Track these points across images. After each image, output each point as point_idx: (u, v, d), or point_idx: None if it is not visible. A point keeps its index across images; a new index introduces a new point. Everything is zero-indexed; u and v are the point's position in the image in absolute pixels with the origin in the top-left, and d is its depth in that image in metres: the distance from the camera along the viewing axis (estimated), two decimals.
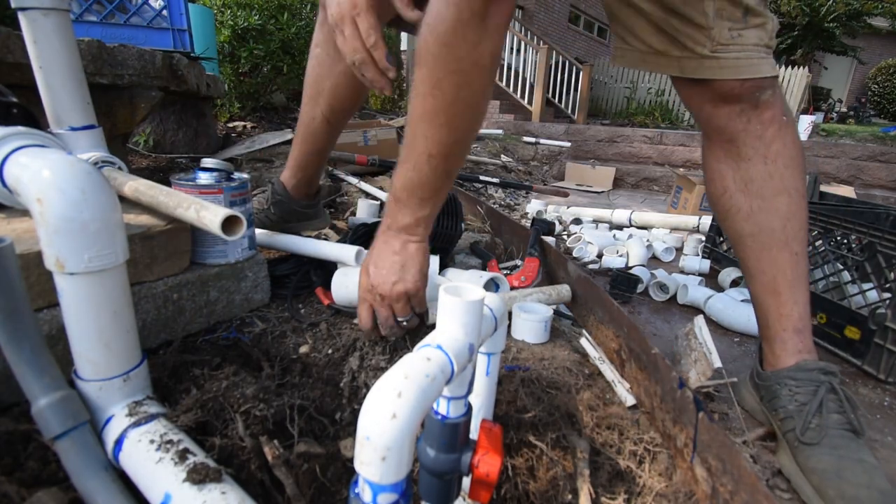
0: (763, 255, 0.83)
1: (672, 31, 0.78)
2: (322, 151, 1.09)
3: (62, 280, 0.52)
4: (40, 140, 0.67)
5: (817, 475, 0.69)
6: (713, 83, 0.79)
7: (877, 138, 6.21)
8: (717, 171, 0.87)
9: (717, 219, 0.90)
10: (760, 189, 0.82)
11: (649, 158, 4.88)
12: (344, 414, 0.71)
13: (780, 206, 0.81)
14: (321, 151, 1.09)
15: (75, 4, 1.59)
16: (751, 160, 0.82)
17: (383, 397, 0.36)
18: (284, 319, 0.91)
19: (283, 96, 3.64)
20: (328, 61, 0.98)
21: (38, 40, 0.81)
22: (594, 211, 2.45)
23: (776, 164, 0.81)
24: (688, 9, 0.75)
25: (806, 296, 0.82)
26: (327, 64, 0.98)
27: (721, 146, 0.85)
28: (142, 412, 0.56)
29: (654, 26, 0.80)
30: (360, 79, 0.79)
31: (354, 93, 1.02)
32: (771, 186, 0.81)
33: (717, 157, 0.86)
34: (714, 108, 0.82)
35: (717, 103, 0.81)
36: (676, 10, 0.76)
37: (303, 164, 1.11)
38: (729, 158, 0.84)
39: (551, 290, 1.08)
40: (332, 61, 0.97)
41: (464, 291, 0.46)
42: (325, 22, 0.98)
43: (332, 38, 0.97)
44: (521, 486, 0.63)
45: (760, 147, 0.81)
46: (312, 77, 1.02)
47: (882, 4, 10.26)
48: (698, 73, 0.79)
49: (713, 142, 0.86)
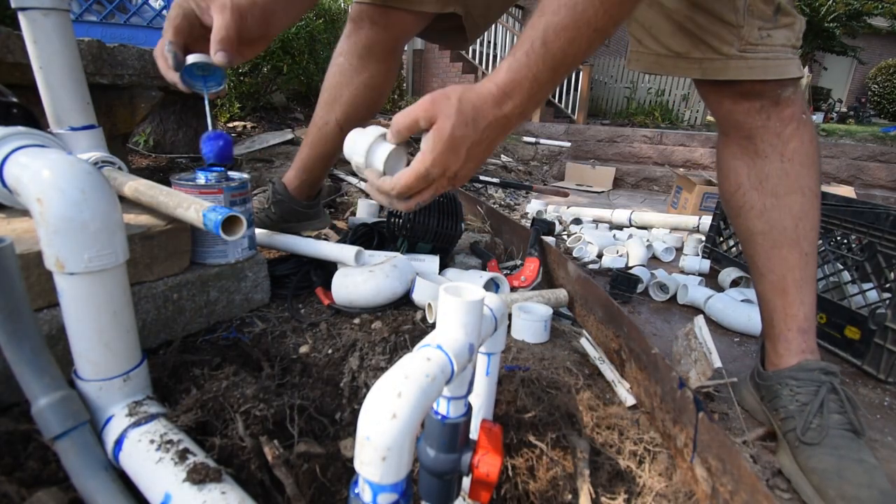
0: (773, 253, 0.82)
1: (696, 29, 0.76)
2: (330, 156, 1.10)
3: (62, 280, 0.52)
4: (40, 140, 0.67)
5: (818, 475, 0.69)
6: (737, 82, 0.78)
7: (877, 138, 6.21)
8: (732, 168, 0.86)
9: (729, 215, 0.90)
10: (775, 187, 0.81)
11: (649, 158, 4.87)
12: (344, 414, 0.71)
13: (794, 205, 0.81)
14: (329, 156, 1.10)
15: (75, 4, 1.59)
16: (767, 157, 0.81)
17: (383, 397, 0.36)
18: (284, 319, 0.91)
19: (283, 96, 3.64)
20: (350, 71, 0.99)
21: (38, 40, 0.81)
22: (594, 211, 2.45)
23: (792, 163, 0.80)
24: (717, 5, 0.73)
25: (813, 297, 0.82)
26: (349, 73, 0.99)
27: (738, 142, 0.84)
28: (142, 412, 0.56)
29: (676, 25, 0.78)
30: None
31: (372, 104, 1.03)
32: (786, 184, 0.81)
33: (732, 154, 0.86)
34: (734, 104, 0.81)
35: (737, 99, 0.80)
36: (703, 6, 0.74)
37: (309, 167, 1.11)
38: (745, 155, 0.83)
39: (549, 293, 1.08)
40: (354, 72, 0.99)
41: (464, 291, 0.46)
42: (352, 34, 0.98)
43: (357, 52, 0.99)
44: (521, 486, 0.63)
45: (778, 144, 0.80)
46: (332, 83, 1.02)
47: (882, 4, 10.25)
48: (723, 74, 0.77)
49: (730, 138, 0.86)
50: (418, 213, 1.13)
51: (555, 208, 2.58)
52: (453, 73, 7.09)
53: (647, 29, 0.82)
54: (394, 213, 1.16)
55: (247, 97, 3.24)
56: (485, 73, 7.01)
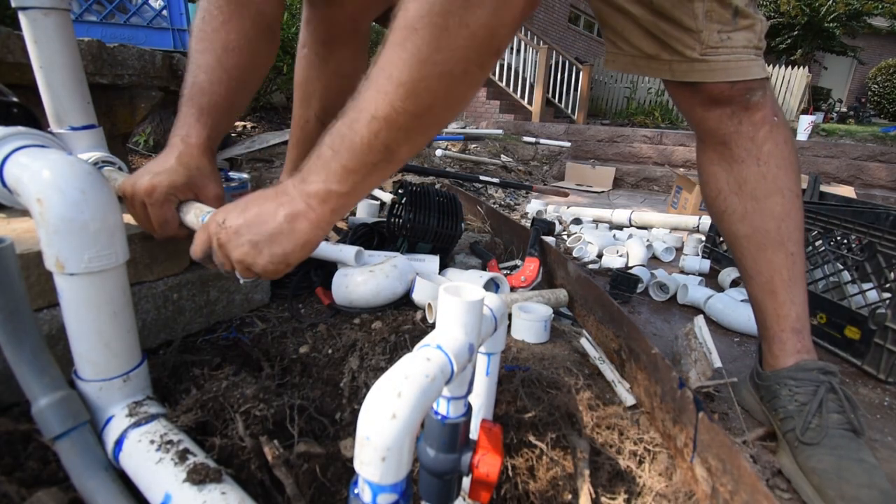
0: (759, 255, 0.83)
1: (661, 34, 0.78)
2: None
3: (62, 280, 0.52)
4: (40, 140, 0.67)
5: (817, 475, 0.69)
6: (704, 86, 0.79)
7: (877, 138, 6.21)
8: (711, 174, 0.87)
9: (713, 220, 0.91)
10: (754, 190, 0.82)
11: (649, 158, 4.87)
12: (344, 414, 0.71)
13: (775, 207, 0.81)
14: None
15: (75, 4, 1.59)
16: (743, 162, 0.82)
17: (383, 397, 0.36)
18: (284, 319, 0.91)
19: (283, 96, 3.64)
20: (317, 61, 0.97)
21: (39, 40, 0.81)
22: (594, 211, 2.45)
23: (769, 165, 0.81)
24: (676, 12, 0.75)
25: (803, 296, 0.82)
26: (316, 64, 0.98)
27: (714, 148, 0.85)
28: (142, 412, 0.56)
29: (644, 30, 0.80)
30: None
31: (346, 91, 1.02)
32: (764, 187, 0.82)
33: (710, 160, 0.87)
34: (705, 110, 0.82)
35: (707, 106, 0.81)
36: (665, 14, 0.76)
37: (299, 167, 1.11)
38: (722, 161, 0.84)
39: (549, 293, 1.08)
40: (321, 61, 0.97)
41: (464, 291, 0.46)
42: (311, 20, 0.96)
43: (319, 38, 0.96)
44: (521, 486, 0.63)
45: (752, 148, 0.81)
46: (302, 78, 1.01)
47: (882, 4, 10.26)
48: (688, 76, 0.79)
49: (706, 144, 0.87)
50: (418, 213, 1.13)
51: (555, 208, 2.58)
52: None
53: (619, 32, 0.83)
54: (394, 213, 1.17)
55: None
56: None
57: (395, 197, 1.17)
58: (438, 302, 0.45)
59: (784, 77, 7.43)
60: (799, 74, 7.34)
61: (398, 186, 1.20)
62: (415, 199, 1.16)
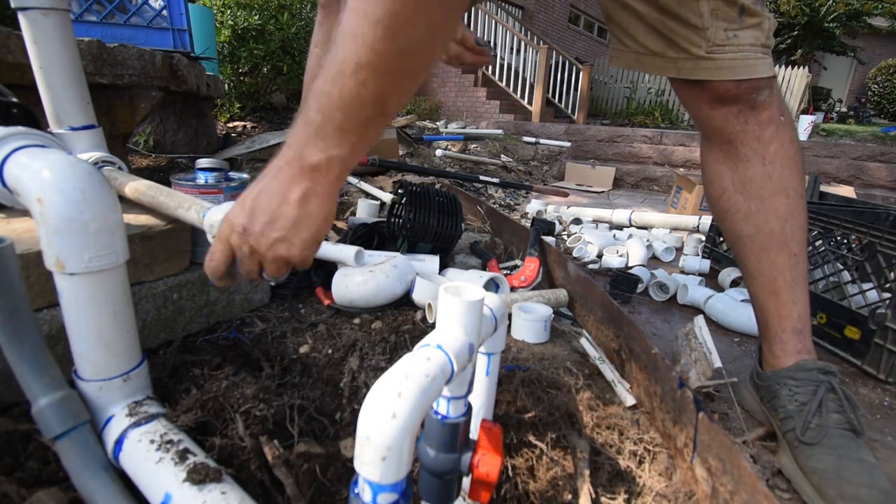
0: (762, 255, 0.83)
1: (667, 32, 0.78)
2: None
3: (62, 280, 0.52)
4: (40, 140, 0.67)
5: (817, 475, 0.69)
6: (710, 84, 0.79)
7: (877, 138, 6.21)
8: (716, 173, 0.87)
9: (716, 220, 0.90)
10: (759, 190, 0.82)
11: (649, 158, 4.87)
12: (344, 414, 0.71)
13: (779, 207, 0.81)
14: None
15: (75, 4, 1.59)
16: (749, 161, 0.82)
17: (383, 397, 0.36)
18: (284, 319, 0.91)
19: (283, 96, 3.64)
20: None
21: (38, 40, 0.81)
22: (594, 211, 2.45)
23: (774, 165, 0.81)
24: (682, 9, 0.74)
25: (805, 296, 0.82)
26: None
27: (719, 147, 0.85)
28: (142, 412, 0.56)
29: (650, 27, 0.79)
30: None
31: None
32: (769, 187, 0.81)
33: (715, 159, 0.86)
34: (711, 109, 0.82)
35: (714, 104, 0.81)
36: (671, 11, 0.75)
37: None
38: (727, 159, 0.84)
39: (549, 293, 1.08)
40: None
41: (464, 291, 0.46)
42: (325, 21, 0.98)
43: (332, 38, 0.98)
44: (521, 486, 0.63)
45: (758, 148, 0.81)
46: (313, 76, 1.02)
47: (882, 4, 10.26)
48: (694, 74, 0.78)
49: (712, 143, 0.86)
50: (418, 213, 1.13)
51: (555, 208, 2.58)
52: (454, 72, 7.09)
53: (625, 29, 0.83)
54: (394, 213, 1.16)
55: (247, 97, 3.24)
56: (484, 72, 7.00)
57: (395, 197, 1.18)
58: (438, 302, 0.45)
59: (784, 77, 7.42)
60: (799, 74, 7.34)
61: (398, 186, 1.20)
62: (415, 199, 1.16)
